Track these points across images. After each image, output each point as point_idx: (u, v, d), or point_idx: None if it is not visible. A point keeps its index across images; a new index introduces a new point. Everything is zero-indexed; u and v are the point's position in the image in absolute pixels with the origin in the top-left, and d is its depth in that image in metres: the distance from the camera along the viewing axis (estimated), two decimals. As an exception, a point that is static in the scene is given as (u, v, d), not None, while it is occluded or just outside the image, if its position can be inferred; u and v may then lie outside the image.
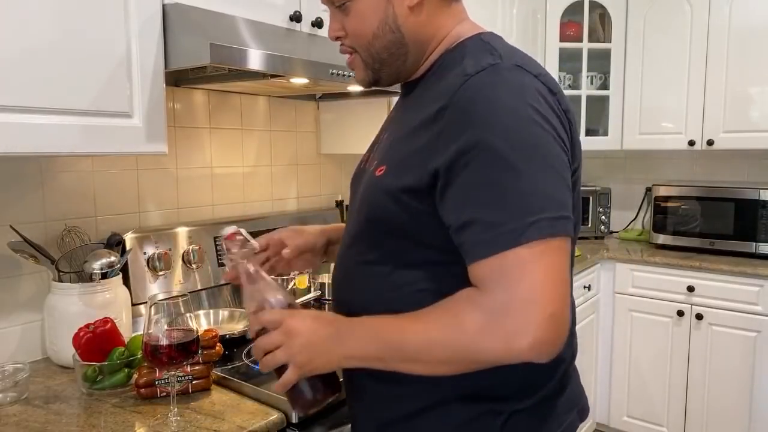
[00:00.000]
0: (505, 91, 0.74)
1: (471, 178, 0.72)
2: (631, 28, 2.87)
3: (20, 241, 1.32)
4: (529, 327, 0.68)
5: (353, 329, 0.81)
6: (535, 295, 0.68)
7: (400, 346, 0.76)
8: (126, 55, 1.19)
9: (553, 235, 0.69)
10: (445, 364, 0.75)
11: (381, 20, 0.84)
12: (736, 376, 2.43)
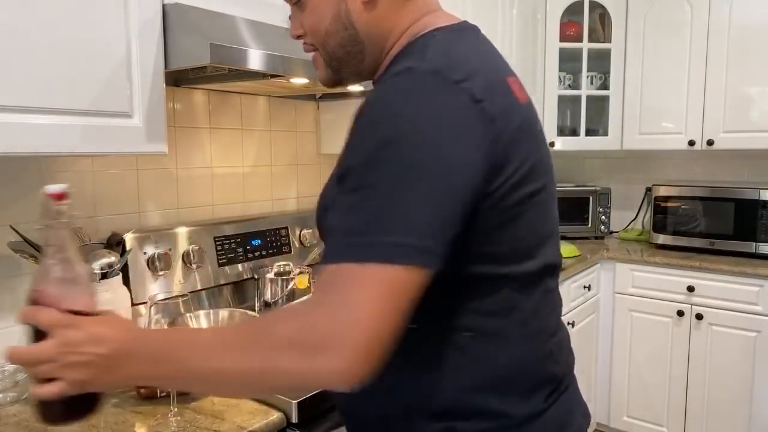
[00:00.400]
0: (401, 99, 0.68)
1: (342, 188, 0.68)
2: (631, 28, 2.88)
3: (20, 241, 1.32)
4: (331, 352, 0.60)
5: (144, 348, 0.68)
6: (351, 322, 0.60)
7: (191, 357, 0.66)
8: (126, 55, 1.19)
9: (391, 262, 0.61)
10: (239, 378, 0.64)
11: (334, 16, 0.80)
12: (736, 376, 2.43)
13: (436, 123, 0.65)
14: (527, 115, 0.76)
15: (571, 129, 3.05)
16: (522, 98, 0.77)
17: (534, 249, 0.77)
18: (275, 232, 1.92)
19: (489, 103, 0.69)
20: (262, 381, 0.64)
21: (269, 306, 1.69)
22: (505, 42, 2.52)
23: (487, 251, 0.73)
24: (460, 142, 0.66)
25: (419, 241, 0.63)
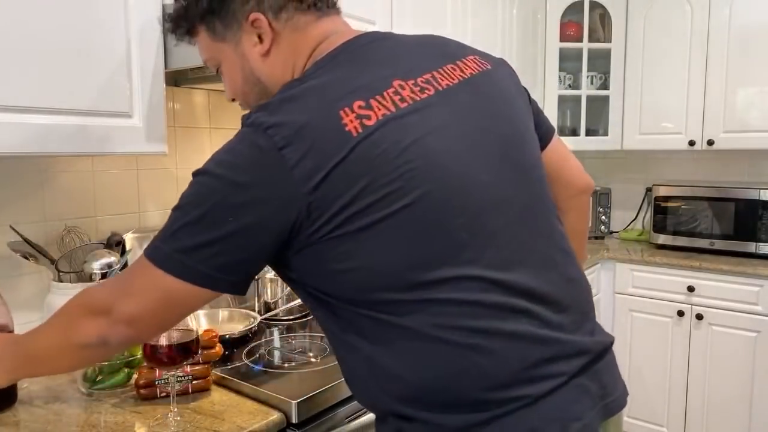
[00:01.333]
0: (216, 158, 0.85)
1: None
2: (631, 28, 2.88)
3: (20, 241, 1.32)
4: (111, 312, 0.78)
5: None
6: (104, 297, 0.80)
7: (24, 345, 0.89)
8: (126, 55, 1.19)
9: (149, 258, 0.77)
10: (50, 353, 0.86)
11: (243, 77, 0.88)
12: (736, 376, 2.43)
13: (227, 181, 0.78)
14: (369, 141, 0.72)
15: (571, 129, 3.05)
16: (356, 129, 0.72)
17: (410, 270, 0.73)
18: (275, 232, 1.92)
19: (291, 150, 0.71)
20: (67, 346, 0.83)
21: (269, 306, 1.69)
22: (505, 42, 2.52)
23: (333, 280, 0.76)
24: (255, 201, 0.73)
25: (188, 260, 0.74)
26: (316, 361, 1.35)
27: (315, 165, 0.70)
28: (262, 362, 1.35)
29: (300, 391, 1.16)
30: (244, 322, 1.57)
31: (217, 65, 0.90)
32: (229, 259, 0.74)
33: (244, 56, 0.86)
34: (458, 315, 0.74)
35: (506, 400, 0.75)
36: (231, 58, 0.87)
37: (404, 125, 0.75)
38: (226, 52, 0.88)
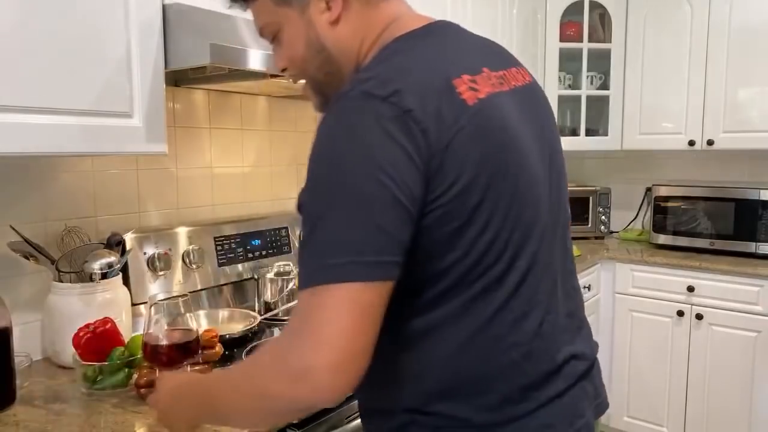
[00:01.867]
0: (329, 132, 0.71)
1: (301, 225, 0.72)
2: (631, 28, 2.87)
3: (20, 241, 1.32)
4: (306, 382, 0.65)
5: (182, 398, 0.86)
6: (312, 350, 0.65)
7: (213, 391, 0.80)
8: (126, 55, 1.19)
9: (344, 281, 0.65)
10: (241, 407, 0.75)
11: (306, 44, 0.84)
12: (736, 376, 2.43)
13: (360, 151, 0.68)
14: (480, 115, 0.73)
15: (571, 129, 3.05)
16: (471, 98, 0.73)
17: (494, 253, 0.74)
18: (275, 232, 1.92)
19: (419, 114, 0.69)
20: (264, 413, 0.75)
21: (269, 306, 1.69)
22: (504, 42, 2.52)
23: (441, 259, 0.73)
24: (386, 163, 0.67)
25: (364, 258, 0.66)
26: (316, 361, 1.35)
27: (440, 130, 0.69)
28: (262, 362, 1.35)
29: (300, 391, 1.16)
30: (244, 322, 1.57)
31: (275, 32, 0.87)
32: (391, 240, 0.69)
33: (310, 23, 0.83)
34: (511, 311, 0.77)
35: (531, 398, 0.77)
36: (295, 24, 0.84)
37: (502, 106, 0.77)
38: (290, 17, 0.84)
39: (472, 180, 0.71)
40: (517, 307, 0.77)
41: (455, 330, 0.75)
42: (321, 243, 0.68)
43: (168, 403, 0.88)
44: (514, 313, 0.77)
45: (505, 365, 0.77)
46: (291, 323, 0.70)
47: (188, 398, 0.84)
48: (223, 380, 0.80)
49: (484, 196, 0.72)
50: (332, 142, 0.70)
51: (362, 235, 0.67)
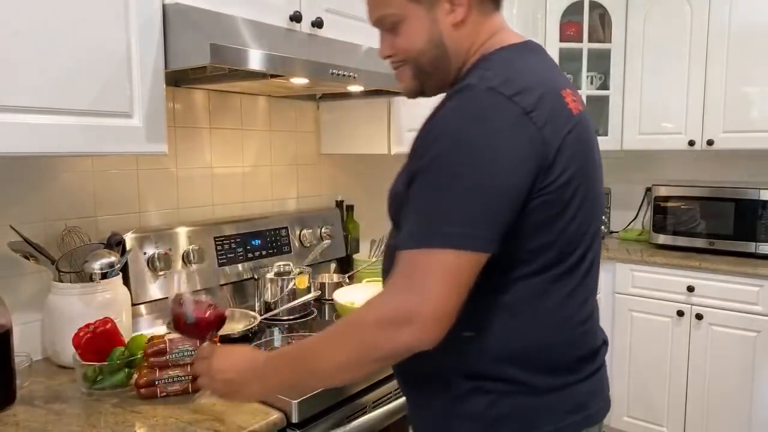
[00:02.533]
0: (458, 115, 0.82)
1: (413, 188, 0.83)
2: (631, 28, 2.87)
3: (20, 241, 1.32)
4: (411, 326, 0.77)
5: (266, 362, 0.92)
6: (424, 301, 0.77)
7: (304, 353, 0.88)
8: (126, 55, 1.19)
9: (453, 248, 0.77)
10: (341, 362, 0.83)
11: (427, 39, 0.93)
12: (736, 376, 2.43)
13: (486, 135, 0.79)
14: (579, 125, 0.88)
15: (571, 129, 3.04)
16: (575, 109, 0.88)
17: (575, 243, 0.88)
18: (275, 232, 1.92)
19: (538, 114, 0.81)
20: (365, 361, 0.82)
21: (269, 306, 1.69)
22: (505, 42, 2.51)
23: (533, 242, 0.85)
24: (507, 150, 0.79)
25: (475, 231, 0.78)
26: (316, 361, 1.35)
27: (554, 130, 0.83)
28: (262, 362, 1.35)
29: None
30: (244, 322, 1.57)
31: (396, 23, 0.94)
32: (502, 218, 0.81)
33: (435, 21, 0.92)
34: (578, 295, 0.91)
35: (582, 369, 0.93)
36: (420, 20, 0.92)
37: (588, 121, 0.93)
38: (417, 13, 0.92)
39: (570, 178, 0.84)
40: (582, 292, 0.92)
41: (534, 307, 0.87)
42: (438, 211, 0.79)
43: (243, 377, 0.93)
44: (580, 297, 0.92)
45: (569, 339, 0.91)
46: (395, 281, 0.80)
47: (275, 368, 0.90)
48: (320, 343, 0.86)
49: (575, 193, 0.86)
50: (459, 125, 0.81)
51: (477, 211, 0.78)
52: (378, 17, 0.96)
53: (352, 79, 1.52)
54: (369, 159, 2.44)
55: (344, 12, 1.70)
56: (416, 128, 0.90)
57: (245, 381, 0.93)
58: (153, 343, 1.18)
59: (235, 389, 0.94)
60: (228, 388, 0.95)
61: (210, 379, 0.96)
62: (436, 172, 0.81)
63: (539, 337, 0.88)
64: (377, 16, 0.96)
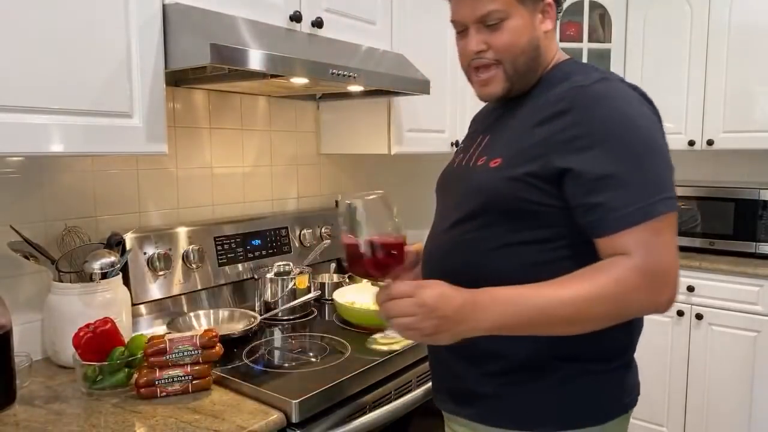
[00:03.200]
0: (618, 98, 0.93)
1: (599, 167, 0.88)
2: (631, 28, 2.87)
3: (20, 241, 1.32)
4: (670, 286, 0.87)
5: (494, 301, 0.88)
6: (673, 262, 0.88)
7: (554, 309, 0.87)
8: (126, 55, 1.19)
9: (671, 211, 0.89)
10: (599, 320, 0.89)
11: (528, 40, 1.01)
12: (736, 376, 2.43)
13: (642, 111, 0.94)
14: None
15: (571, 129, 3.04)
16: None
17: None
18: (275, 232, 1.92)
19: (652, 103, 1.00)
20: (618, 318, 0.90)
21: (269, 306, 1.69)
22: (505, 42, 2.51)
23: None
24: (657, 123, 0.97)
25: (674, 193, 0.91)
26: (316, 361, 1.35)
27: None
28: (262, 362, 1.35)
29: (300, 391, 1.16)
30: (244, 322, 1.57)
31: (502, 18, 0.99)
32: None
33: (534, 26, 1.01)
34: None
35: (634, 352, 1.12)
36: (525, 21, 1.00)
37: None
38: (522, 15, 1.00)
39: None
40: None
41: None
42: (653, 182, 0.90)
43: (461, 315, 0.86)
44: None
45: (640, 327, 1.10)
46: (651, 246, 0.86)
47: (511, 312, 0.87)
48: (577, 298, 0.86)
49: None
50: (627, 109, 0.92)
51: (670, 177, 0.94)
52: (486, 12, 0.99)
53: (352, 79, 1.52)
54: (369, 159, 2.44)
55: (344, 12, 1.70)
56: (416, 128, 0.92)
57: (461, 319, 0.86)
58: (153, 343, 1.18)
59: (446, 328, 0.85)
60: (439, 327, 0.85)
61: (421, 316, 0.84)
62: (629, 149, 0.89)
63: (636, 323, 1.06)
64: (485, 10, 0.99)
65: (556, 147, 0.91)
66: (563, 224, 0.93)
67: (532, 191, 0.93)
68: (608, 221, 0.88)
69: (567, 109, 0.92)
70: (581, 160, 0.89)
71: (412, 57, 1.94)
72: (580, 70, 1.01)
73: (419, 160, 2.73)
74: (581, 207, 0.90)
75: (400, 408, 1.33)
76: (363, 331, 1.55)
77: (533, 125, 0.96)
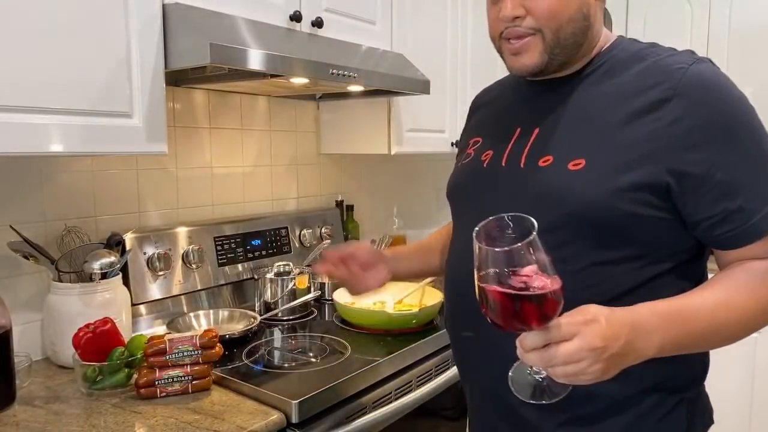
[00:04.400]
0: (727, 83, 0.81)
1: (727, 167, 0.76)
2: (631, 28, 2.87)
3: (20, 241, 1.32)
4: None
5: (658, 318, 0.75)
6: None
7: (725, 324, 0.79)
8: (126, 55, 1.19)
9: None
10: (751, 331, 0.81)
11: (578, 6, 0.86)
12: (736, 376, 2.43)
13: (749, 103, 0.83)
14: None
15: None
16: None
17: None
18: (275, 232, 1.92)
19: None
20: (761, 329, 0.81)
21: (269, 306, 1.69)
22: (505, 42, 2.51)
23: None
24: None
25: None
26: (316, 361, 1.35)
27: None
28: (262, 362, 1.35)
29: (300, 391, 1.16)
30: (244, 322, 1.57)
31: None
32: None
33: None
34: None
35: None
36: None
37: None
38: None
39: None
40: None
41: None
42: None
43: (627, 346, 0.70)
44: None
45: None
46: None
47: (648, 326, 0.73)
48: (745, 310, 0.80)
49: None
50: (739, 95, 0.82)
51: None
52: None
53: (352, 79, 1.52)
54: (369, 159, 2.44)
55: (344, 12, 1.70)
56: (416, 128, 0.89)
57: (629, 351, 0.71)
58: (153, 343, 1.18)
59: (614, 365, 0.70)
60: (607, 370, 0.70)
61: (593, 358, 0.68)
62: (754, 142, 0.79)
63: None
64: None
65: (667, 145, 0.77)
66: (660, 238, 0.82)
67: (636, 203, 0.78)
68: (751, 228, 0.77)
69: (668, 98, 0.78)
70: (704, 160, 0.76)
71: (412, 57, 1.94)
72: (655, 50, 0.86)
73: (419, 160, 2.73)
74: (712, 217, 0.78)
75: (400, 408, 1.33)
76: (363, 331, 1.55)
77: (622, 120, 0.80)
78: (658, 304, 0.76)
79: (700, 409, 0.94)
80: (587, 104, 0.87)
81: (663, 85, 0.79)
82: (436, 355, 1.52)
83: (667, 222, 0.80)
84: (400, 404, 1.33)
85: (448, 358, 1.55)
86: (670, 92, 0.78)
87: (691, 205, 0.79)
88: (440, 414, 1.58)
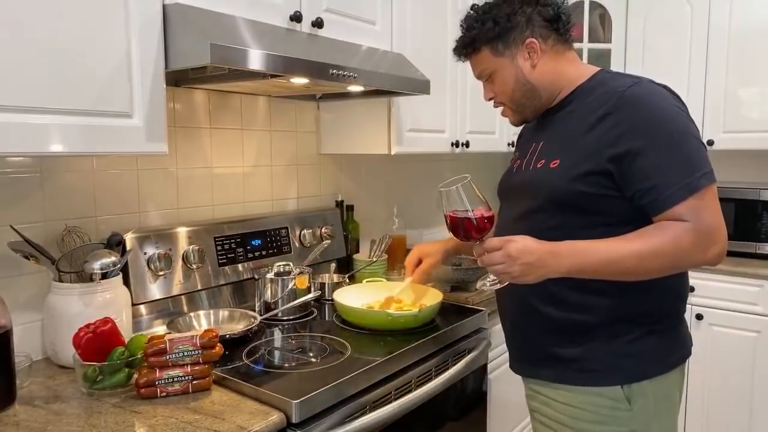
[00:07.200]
0: (651, 96, 1.12)
1: (646, 156, 1.06)
2: (631, 28, 2.87)
3: (20, 241, 1.32)
4: (719, 243, 1.06)
5: (572, 251, 1.10)
6: (719, 222, 1.07)
7: (620, 260, 1.07)
8: (126, 55, 1.19)
9: (712, 183, 1.08)
10: (658, 271, 1.09)
11: (515, 81, 1.24)
12: (736, 376, 2.43)
13: (677, 105, 1.14)
14: None
15: (571, 129, 3.04)
16: None
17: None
18: (275, 232, 1.92)
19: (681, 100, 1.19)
20: (672, 270, 1.10)
21: (269, 306, 1.69)
22: (505, 42, 2.51)
23: None
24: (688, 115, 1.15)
25: (711, 168, 1.10)
26: (316, 361, 1.35)
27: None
28: (262, 362, 1.35)
29: (300, 391, 1.16)
30: (244, 322, 1.57)
31: (489, 74, 1.27)
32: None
33: (518, 67, 1.23)
34: None
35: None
36: (507, 69, 1.24)
37: None
38: (503, 65, 1.24)
39: None
40: None
41: None
42: (692, 162, 1.08)
43: (542, 261, 1.08)
44: None
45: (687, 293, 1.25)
46: (700, 212, 1.05)
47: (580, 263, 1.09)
48: (638, 254, 1.07)
49: None
50: (666, 105, 1.12)
51: (705, 154, 1.11)
52: (479, 72, 1.29)
53: (352, 79, 1.52)
54: (369, 159, 2.44)
55: (344, 12, 1.70)
56: (416, 128, 0.92)
57: (542, 265, 1.09)
58: (153, 343, 1.18)
59: (530, 272, 1.09)
60: (524, 272, 1.09)
61: (509, 263, 1.08)
62: (668, 137, 1.07)
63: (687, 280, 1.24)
64: (478, 71, 1.29)
65: (607, 145, 1.09)
66: (612, 208, 1.12)
67: (590, 185, 1.11)
68: (663, 200, 1.06)
69: (609, 112, 1.11)
70: (630, 153, 1.07)
71: (412, 57, 1.94)
72: (613, 78, 1.19)
73: (419, 160, 2.73)
74: (638, 192, 1.08)
75: (401, 408, 1.33)
76: (363, 331, 1.55)
77: (584, 130, 1.14)
78: (578, 243, 1.11)
79: (671, 340, 1.20)
80: (566, 123, 1.21)
81: (608, 104, 1.12)
82: (436, 355, 1.52)
83: (617, 198, 1.11)
84: (400, 404, 1.33)
85: (448, 358, 1.55)
86: (612, 108, 1.11)
87: (625, 183, 1.10)
88: (440, 414, 1.58)
